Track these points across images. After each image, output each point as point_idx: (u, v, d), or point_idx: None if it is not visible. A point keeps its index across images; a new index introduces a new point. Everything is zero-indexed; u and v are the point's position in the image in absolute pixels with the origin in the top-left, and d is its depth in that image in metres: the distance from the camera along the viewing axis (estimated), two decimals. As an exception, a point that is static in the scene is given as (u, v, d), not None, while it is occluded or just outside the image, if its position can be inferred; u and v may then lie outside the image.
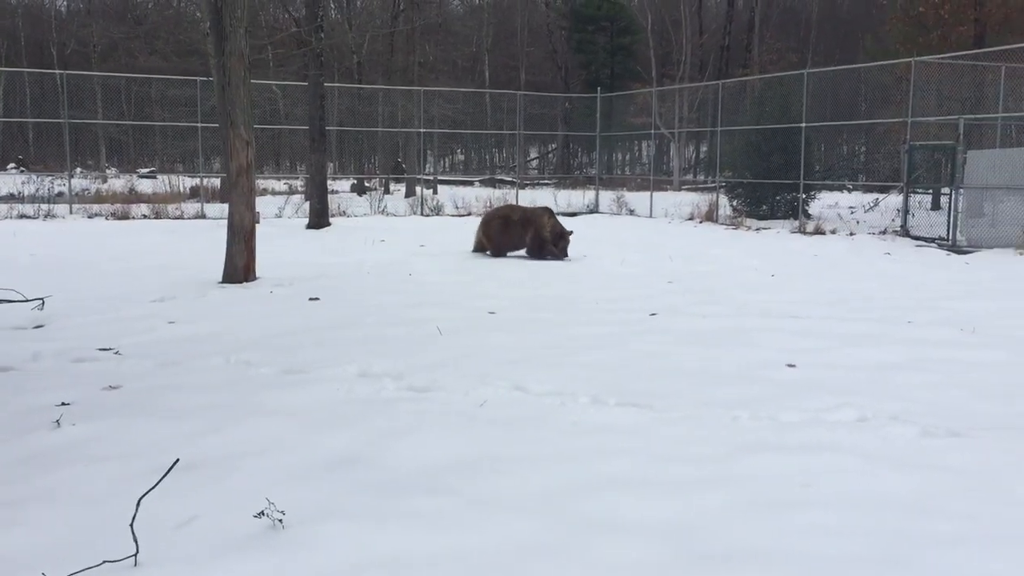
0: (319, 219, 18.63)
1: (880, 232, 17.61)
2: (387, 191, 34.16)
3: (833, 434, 4.75)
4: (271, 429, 4.78)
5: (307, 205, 20.47)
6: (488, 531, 3.54)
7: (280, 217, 21.28)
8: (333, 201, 21.81)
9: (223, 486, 3.98)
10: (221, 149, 11.29)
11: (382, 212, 23.01)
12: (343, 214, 21.72)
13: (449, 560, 3.30)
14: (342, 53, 36.84)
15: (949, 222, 16.17)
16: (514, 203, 16.10)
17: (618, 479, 4.08)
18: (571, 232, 13.47)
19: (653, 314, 8.36)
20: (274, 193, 31.17)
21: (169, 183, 27.66)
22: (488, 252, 13.76)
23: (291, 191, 31.29)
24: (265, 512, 3.56)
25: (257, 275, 10.65)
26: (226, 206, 11.06)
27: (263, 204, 21.43)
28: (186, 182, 28.61)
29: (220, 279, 10.45)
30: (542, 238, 13.24)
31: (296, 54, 22.25)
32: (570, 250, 13.40)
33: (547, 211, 13.69)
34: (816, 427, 4.88)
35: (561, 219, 14.38)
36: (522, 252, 13.58)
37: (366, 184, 36.28)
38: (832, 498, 3.88)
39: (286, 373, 6.07)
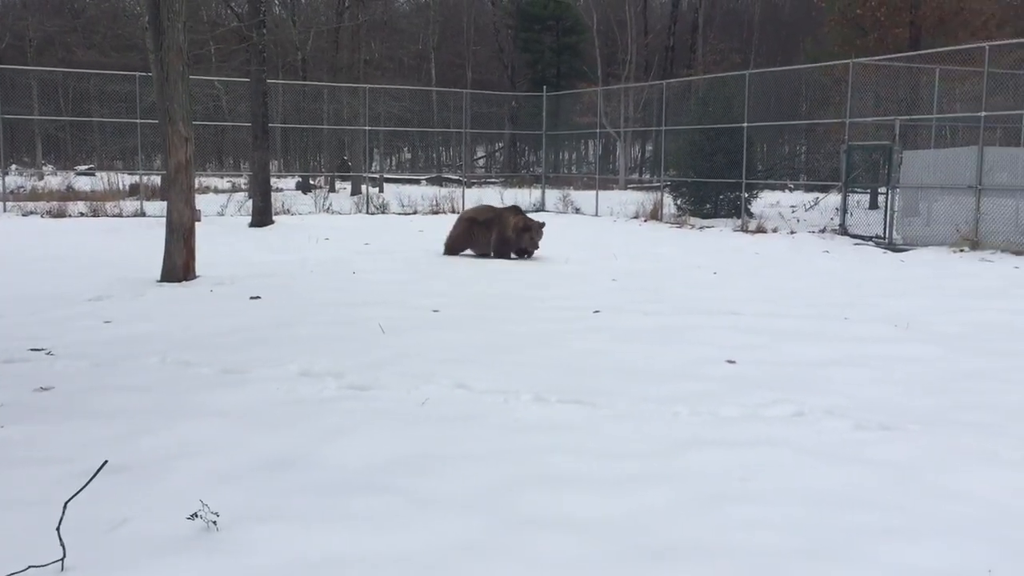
0: (262, 217, 18.40)
1: (820, 231, 17.93)
2: (332, 189, 33.88)
3: (771, 429, 4.82)
4: (208, 430, 4.70)
5: (250, 203, 20.21)
6: (430, 530, 3.52)
7: (222, 215, 20.97)
8: (277, 199, 21.56)
9: (156, 488, 3.90)
10: (161, 146, 11.08)
11: (327, 210, 22.81)
12: (287, 212, 21.48)
13: (389, 560, 3.27)
14: (286, 49, 36.46)
15: (886, 221, 16.51)
16: (489, 204, 15.85)
17: (561, 476, 4.09)
18: (543, 224, 13.22)
19: (597, 312, 8.40)
20: (217, 191, 30.72)
21: (108, 180, 27.10)
22: (449, 252, 13.57)
23: (234, 189, 30.88)
24: (199, 514, 3.49)
25: (197, 274, 10.47)
26: (166, 204, 10.86)
27: (205, 202, 21.13)
28: (125, 180, 28.02)
29: (159, 278, 10.26)
30: (504, 237, 13.05)
31: (238, 49, 21.94)
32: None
33: (514, 209, 13.50)
34: (754, 422, 4.94)
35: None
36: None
37: (311, 182, 35.93)
38: (770, 492, 3.93)
39: (225, 373, 5.98)
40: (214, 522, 3.49)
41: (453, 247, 13.56)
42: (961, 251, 14.42)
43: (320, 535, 3.46)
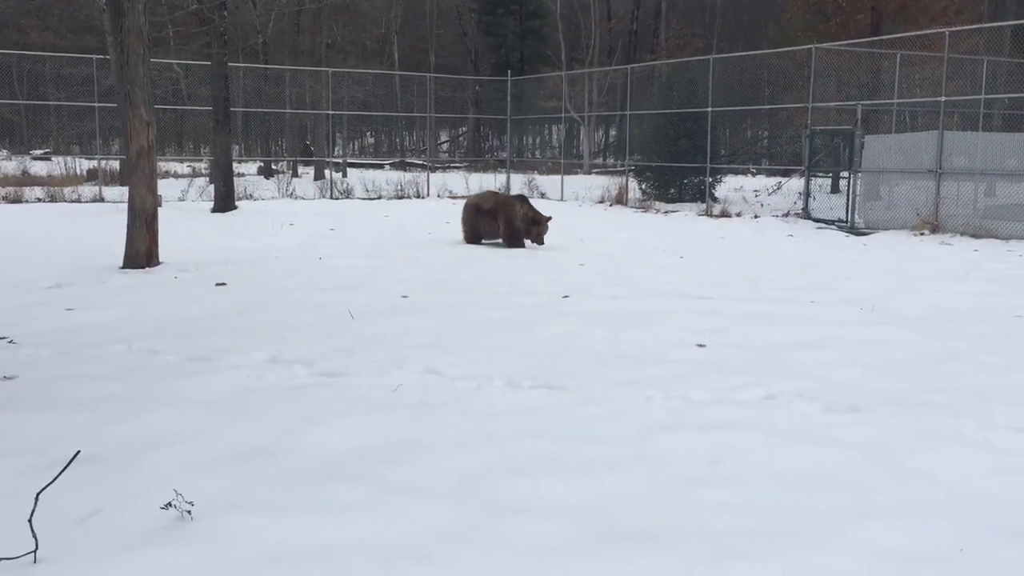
0: (225, 203, 18.18)
1: (783, 215, 18.10)
2: (295, 174, 33.57)
3: (742, 412, 4.86)
4: (179, 418, 4.65)
5: (212, 188, 19.95)
6: (404, 517, 3.51)
7: (184, 200, 20.68)
8: (239, 184, 21.30)
9: (128, 478, 3.85)
10: (120, 130, 10.88)
11: (290, 195, 22.61)
12: (250, 197, 21.25)
13: (365, 548, 3.26)
14: (246, 32, 35.95)
15: (848, 205, 16.70)
16: (491, 189, 15.44)
17: (536, 461, 4.10)
18: (549, 218, 12.81)
19: (566, 297, 8.41)
20: (177, 176, 30.31)
21: (65, 165, 26.60)
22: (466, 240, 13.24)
23: (195, 174, 30.47)
24: (172, 504, 3.45)
25: (160, 260, 10.33)
26: (126, 189, 10.68)
27: (165, 187, 20.78)
28: (83, 164, 27.54)
29: (121, 264, 10.11)
30: (514, 228, 12.67)
31: (198, 32, 21.60)
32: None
33: (520, 199, 13.16)
34: (725, 405, 4.98)
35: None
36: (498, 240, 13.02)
37: (273, 167, 35.57)
38: (742, 475, 3.96)
39: (192, 361, 5.90)
40: (188, 512, 3.45)
41: (470, 234, 13.16)
42: (922, 234, 14.64)
43: (297, 524, 3.44)
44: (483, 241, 13.12)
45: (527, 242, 12.75)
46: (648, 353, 6.14)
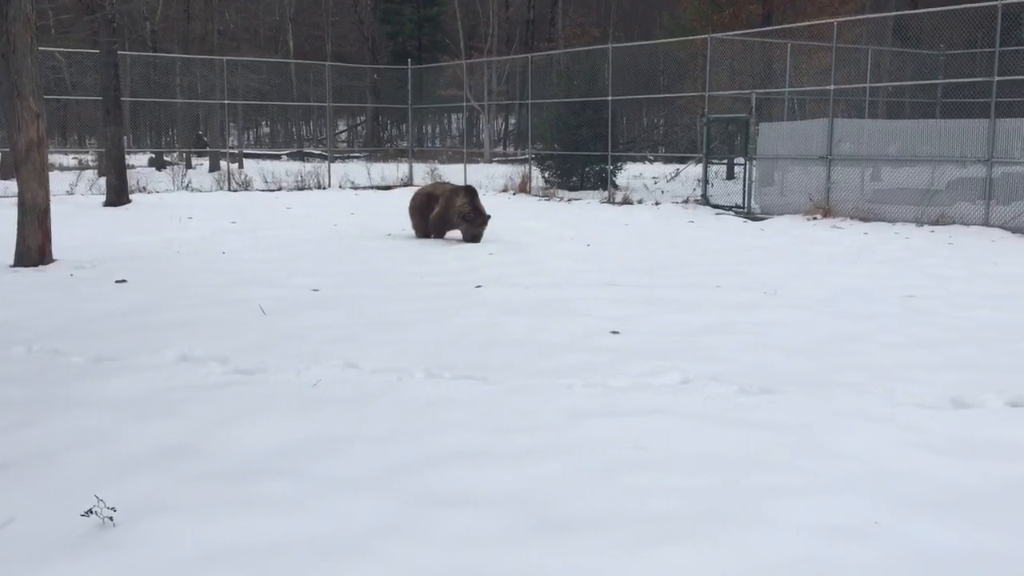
0: (118, 196, 17.54)
1: (683, 201, 18.50)
2: (189, 165, 32.65)
3: (660, 397, 4.97)
4: (90, 421, 4.49)
5: (103, 181, 19.23)
6: (334, 512, 3.49)
7: (72, 194, 19.84)
8: (132, 177, 20.57)
9: (42, 485, 3.71)
10: (5, 122, 10.38)
11: (186, 188, 21.98)
12: (143, 190, 20.56)
13: (295, 545, 3.22)
14: (134, 20, 34.69)
15: (744, 191, 17.19)
16: (445, 180, 14.33)
17: (461, 452, 4.11)
18: (488, 217, 12.09)
19: (479, 287, 8.43)
20: (63, 168, 29.10)
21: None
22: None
23: (82, 166, 29.31)
24: (94, 509, 3.34)
25: (54, 257, 9.92)
26: (11, 184, 10.21)
27: (52, 180, 19.91)
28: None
29: (12, 262, 9.67)
30: (445, 217, 12.12)
31: (82, 20, 20.76)
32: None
33: (467, 191, 12.34)
34: (644, 391, 5.08)
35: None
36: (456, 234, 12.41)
37: (165, 158, 34.52)
38: (665, 458, 4.06)
39: (99, 361, 5.71)
40: (110, 517, 3.35)
41: (420, 228, 12.59)
42: (814, 219, 15.17)
43: (224, 523, 3.38)
44: (433, 236, 12.46)
45: (453, 235, 12.28)
46: (565, 341, 6.22)
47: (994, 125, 13.71)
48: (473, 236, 12.01)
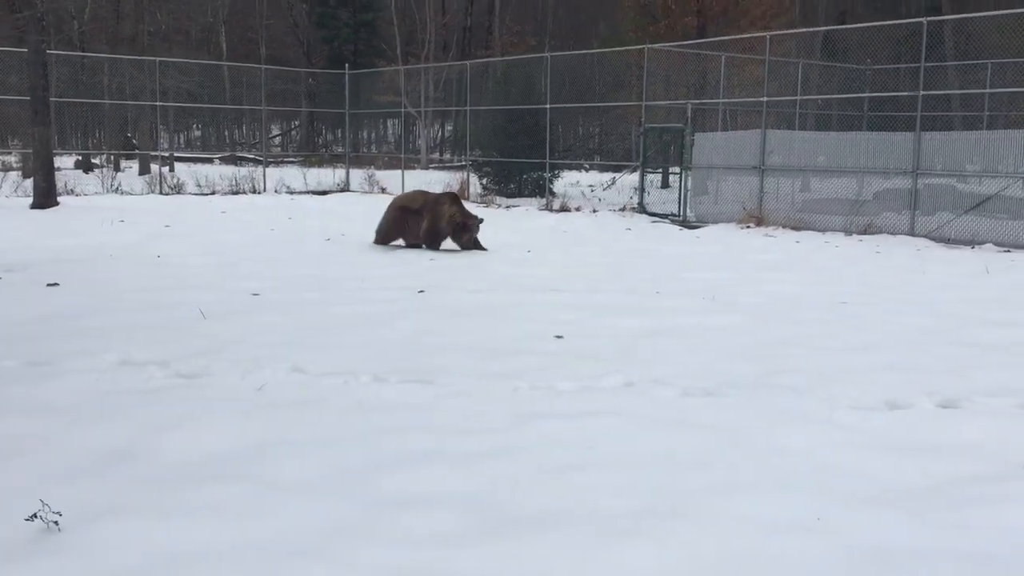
0: (46, 198, 17.08)
1: (620, 209, 18.72)
2: (118, 168, 31.91)
3: (605, 399, 5.04)
4: (28, 427, 4.39)
5: (29, 183, 18.72)
6: (283, 516, 3.46)
7: (-4, 196, 19.31)
8: (59, 179, 20.07)
9: (-19, 491, 3.61)
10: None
11: (116, 191, 21.53)
12: (72, 193, 20.08)
13: (243, 549, 3.19)
14: (61, 19, 33.84)
15: (680, 199, 17.48)
16: (424, 189, 13.63)
17: (412, 454, 4.12)
18: (481, 220, 12.00)
19: (421, 292, 8.43)
20: (-15, 170, 28.20)
21: None
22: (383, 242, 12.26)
23: (5, 168, 28.45)
24: (38, 515, 3.27)
25: (-19, 260, 9.64)
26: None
27: (-24, 182, 19.38)
28: None
29: (-64, 265, 9.37)
30: (437, 229, 11.72)
31: (17, 17, 20.20)
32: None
33: (451, 197, 12.10)
34: (590, 393, 5.15)
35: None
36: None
37: (93, 161, 33.70)
38: (612, 459, 4.12)
39: (33, 366, 5.56)
40: (56, 522, 3.28)
41: (385, 237, 12.17)
42: (748, 227, 15.50)
43: (173, 528, 3.34)
44: (428, 248, 11.96)
45: (444, 243, 11.90)
46: (510, 345, 6.26)
47: (919, 138, 14.18)
48: (470, 242, 11.77)
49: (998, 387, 5.32)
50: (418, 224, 11.90)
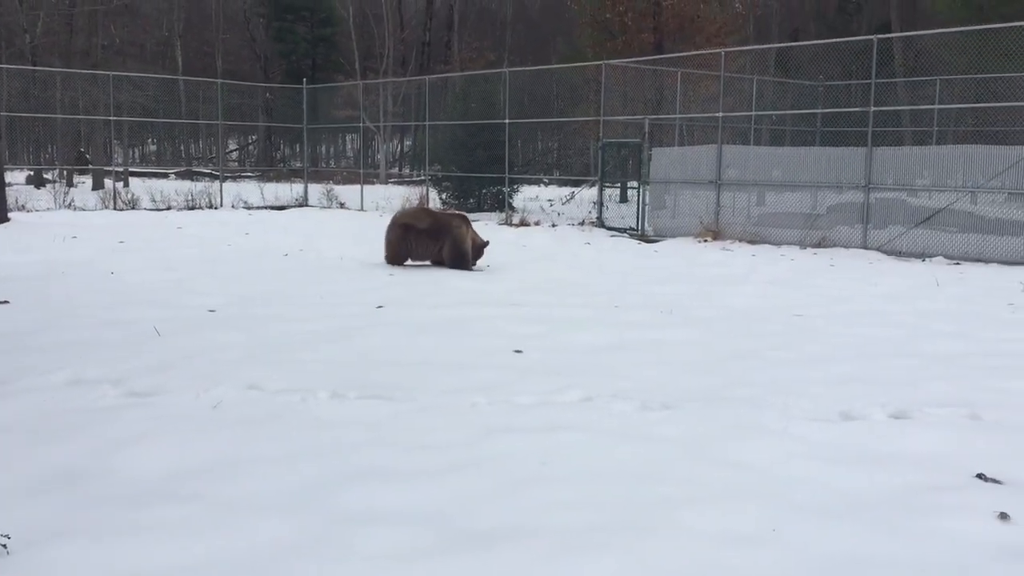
0: (-4, 214, 16.79)
1: (579, 223, 18.81)
2: (71, 184, 31.45)
3: (564, 413, 5.05)
4: (-24, 447, 4.29)
5: (-21, 199, 18.34)
6: (241, 534, 3.42)
7: (-55, 212, 18.90)
8: (10, 194, 19.73)
9: (-73, 514, 3.53)
10: None
11: (69, 206, 21.19)
12: (23, 209, 19.73)
13: (199, 568, 3.15)
14: (12, 32, 33.36)
15: (638, 214, 17.61)
16: (425, 206, 13.15)
17: (371, 470, 4.09)
18: (487, 243, 11.97)
19: (380, 307, 8.40)
20: (-67, 185, 27.61)
21: None
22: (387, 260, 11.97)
23: (-46, 183, 27.89)
24: (-14, 538, 3.21)
25: (-72, 277, 9.44)
26: None
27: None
28: None
29: None
30: (462, 251, 11.62)
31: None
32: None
33: (463, 219, 11.99)
34: (548, 408, 5.16)
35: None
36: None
37: (45, 176, 33.19)
38: (571, 473, 4.13)
39: (-18, 384, 5.45)
40: (4, 545, 3.21)
41: (395, 257, 11.86)
42: (705, 241, 15.66)
43: (127, 548, 3.28)
44: (409, 263, 11.90)
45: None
46: (469, 360, 6.25)
47: (871, 153, 14.44)
48: (475, 262, 11.86)
49: (948, 398, 5.42)
50: (423, 243, 11.75)
